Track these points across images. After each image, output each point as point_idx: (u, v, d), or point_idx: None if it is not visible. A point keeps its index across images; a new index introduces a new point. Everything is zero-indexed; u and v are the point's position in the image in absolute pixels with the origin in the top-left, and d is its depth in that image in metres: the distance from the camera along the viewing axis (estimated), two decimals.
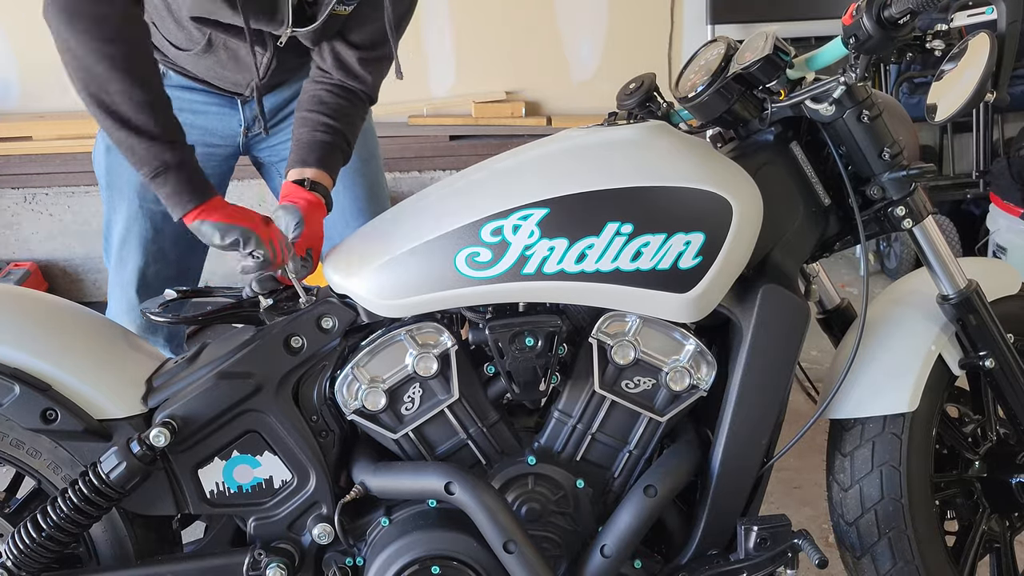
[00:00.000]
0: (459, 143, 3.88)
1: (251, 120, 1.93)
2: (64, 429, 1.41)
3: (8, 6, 3.77)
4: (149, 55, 1.47)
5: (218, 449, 1.47)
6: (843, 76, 1.38)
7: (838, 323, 1.69)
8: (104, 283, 3.87)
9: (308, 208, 1.59)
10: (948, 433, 1.62)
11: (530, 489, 1.47)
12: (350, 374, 1.45)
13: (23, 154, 3.72)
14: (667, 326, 1.45)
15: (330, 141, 1.69)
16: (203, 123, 1.92)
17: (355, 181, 2.00)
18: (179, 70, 1.88)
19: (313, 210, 1.60)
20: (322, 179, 1.65)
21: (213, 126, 1.93)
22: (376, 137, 2.11)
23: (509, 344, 1.41)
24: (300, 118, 1.72)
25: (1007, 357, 1.52)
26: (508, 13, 3.98)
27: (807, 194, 1.49)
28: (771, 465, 1.49)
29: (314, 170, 1.65)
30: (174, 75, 1.90)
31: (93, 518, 1.42)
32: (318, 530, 1.47)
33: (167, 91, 1.49)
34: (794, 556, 1.40)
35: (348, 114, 1.73)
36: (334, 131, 1.69)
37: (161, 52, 1.84)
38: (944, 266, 1.50)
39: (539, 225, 1.36)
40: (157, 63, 1.51)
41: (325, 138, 1.68)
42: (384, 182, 2.14)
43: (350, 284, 1.45)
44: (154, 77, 1.47)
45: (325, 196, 1.65)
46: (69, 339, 1.50)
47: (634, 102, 1.56)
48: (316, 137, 1.68)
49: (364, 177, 2.03)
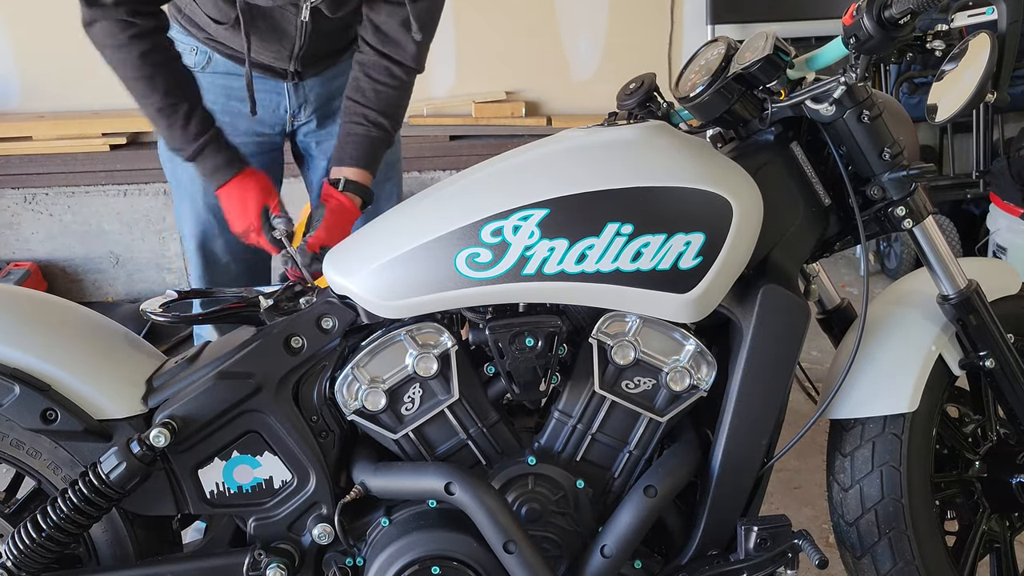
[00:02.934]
0: (459, 143, 3.88)
1: (297, 107, 1.94)
2: (64, 429, 1.41)
3: (9, 6, 3.77)
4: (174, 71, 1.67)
5: (218, 449, 1.47)
6: (843, 76, 1.38)
7: (838, 323, 1.69)
8: (104, 283, 3.89)
9: (338, 208, 1.68)
10: (948, 433, 1.62)
11: (530, 489, 1.47)
12: (350, 374, 1.45)
13: (23, 154, 3.71)
14: (667, 326, 1.45)
15: (366, 133, 1.75)
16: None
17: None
18: (225, 51, 1.88)
19: (340, 211, 1.68)
20: (359, 176, 1.72)
21: (261, 112, 1.91)
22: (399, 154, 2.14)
23: (509, 344, 1.41)
24: (344, 106, 1.78)
25: (1007, 357, 1.52)
26: (508, 13, 3.98)
27: (807, 194, 1.49)
28: (771, 465, 1.49)
29: (350, 168, 1.73)
30: (220, 59, 1.90)
31: (93, 518, 1.42)
32: (318, 530, 1.47)
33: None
34: (794, 556, 1.40)
35: (388, 95, 1.76)
36: (370, 122, 1.75)
37: (205, 31, 1.84)
38: (944, 266, 1.50)
39: (539, 226, 1.36)
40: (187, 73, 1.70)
41: (361, 130, 1.74)
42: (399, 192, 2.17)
43: (350, 284, 1.45)
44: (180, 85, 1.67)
45: (363, 193, 1.73)
46: (69, 339, 1.50)
47: (634, 102, 1.56)
48: (353, 130, 1.74)
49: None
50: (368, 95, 1.74)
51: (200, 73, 1.89)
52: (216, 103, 1.87)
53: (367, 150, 1.74)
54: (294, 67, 1.86)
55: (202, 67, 1.89)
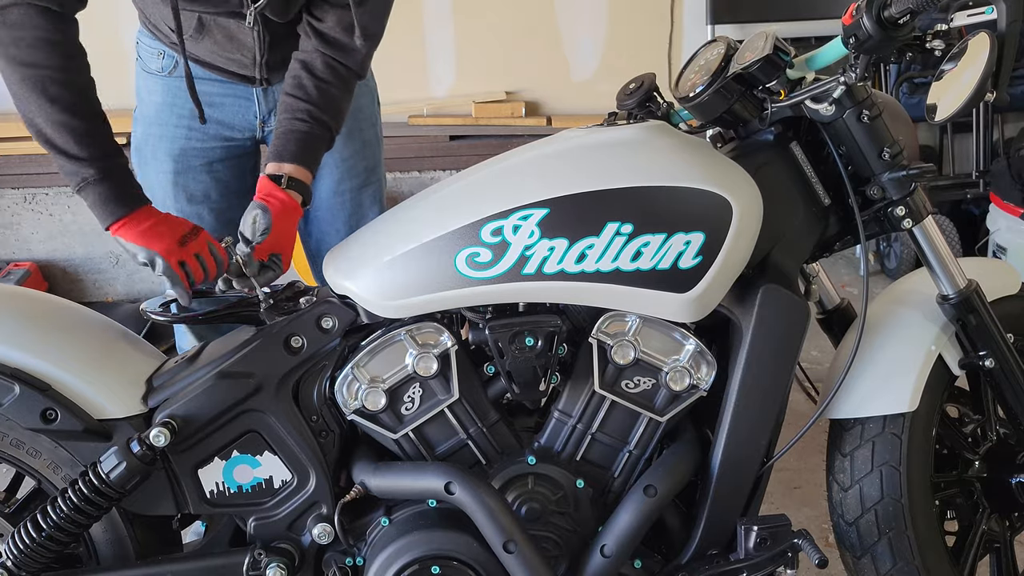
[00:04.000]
0: (459, 143, 3.88)
1: (267, 113, 1.92)
2: (64, 429, 1.41)
3: None
4: (74, 77, 1.46)
5: (218, 449, 1.47)
6: (843, 76, 1.38)
7: (838, 323, 1.69)
8: (104, 283, 3.88)
9: (280, 210, 1.56)
10: (948, 433, 1.62)
11: (530, 489, 1.47)
12: (350, 374, 1.45)
13: (23, 154, 3.71)
14: (667, 326, 1.45)
15: (308, 131, 1.64)
16: (219, 116, 1.88)
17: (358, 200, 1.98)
18: (192, 58, 1.85)
19: (286, 213, 1.57)
20: (300, 174, 1.61)
21: (230, 118, 1.89)
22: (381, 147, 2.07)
23: (509, 344, 1.41)
24: (282, 102, 1.68)
25: (1007, 357, 1.52)
26: (508, 13, 3.98)
27: (807, 194, 1.49)
28: (771, 465, 1.49)
29: (291, 165, 1.61)
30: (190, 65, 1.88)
31: (93, 518, 1.42)
32: (318, 530, 1.47)
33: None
34: (794, 556, 1.40)
35: (329, 95, 1.67)
36: (313, 119, 1.64)
37: (167, 38, 1.84)
38: (944, 266, 1.50)
39: (539, 225, 1.36)
40: (87, 83, 1.49)
41: (303, 127, 1.64)
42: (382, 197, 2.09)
43: (350, 284, 1.45)
44: (78, 98, 1.46)
45: (303, 192, 1.62)
46: (69, 339, 1.50)
47: (634, 102, 1.56)
48: (294, 127, 1.64)
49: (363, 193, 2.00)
50: (311, 92, 1.66)
51: (167, 77, 1.87)
52: (183, 107, 1.85)
53: (309, 147, 1.64)
54: (260, 74, 1.84)
55: (168, 71, 1.87)
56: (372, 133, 2.03)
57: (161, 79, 1.88)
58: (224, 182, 1.92)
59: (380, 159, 2.07)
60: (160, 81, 1.88)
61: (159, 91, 1.89)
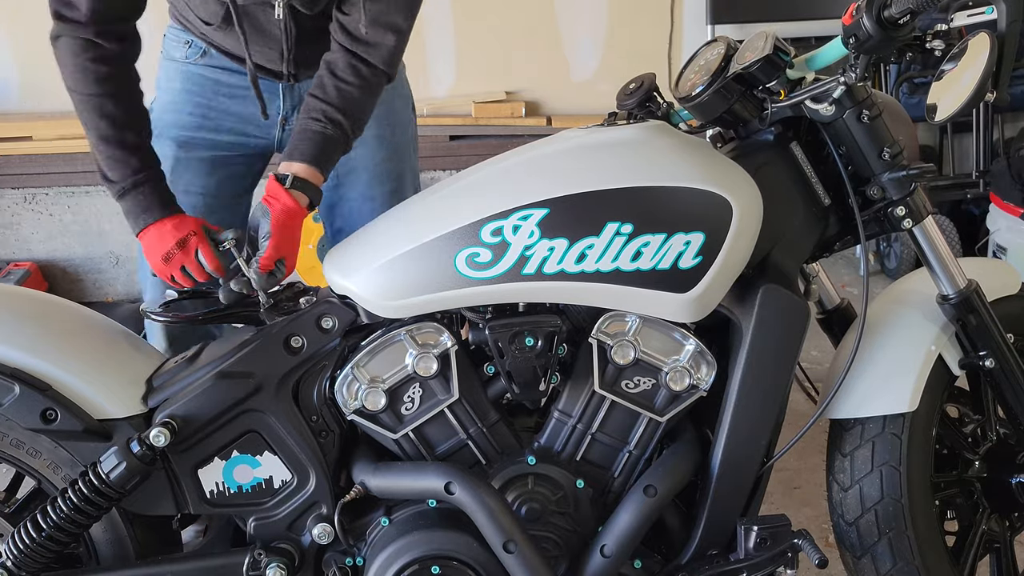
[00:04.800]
0: (459, 143, 3.87)
1: (290, 110, 1.90)
2: (64, 429, 1.41)
3: (8, 6, 3.77)
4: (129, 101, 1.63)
5: (218, 449, 1.47)
6: (843, 76, 1.38)
7: (838, 323, 1.69)
8: (104, 283, 3.88)
9: (283, 215, 1.53)
10: (948, 433, 1.62)
11: (530, 489, 1.47)
12: (350, 374, 1.45)
13: (23, 154, 3.71)
14: (667, 326, 1.45)
15: (322, 131, 1.61)
16: (240, 109, 1.86)
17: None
18: (218, 47, 1.85)
19: (288, 217, 1.53)
20: (308, 174, 1.58)
21: (251, 112, 1.85)
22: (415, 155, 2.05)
23: (509, 344, 1.41)
24: (304, 103, 1.66)
25: (1007, 357, 1.52)
26: (508, 13, 3.98)
27: (807, 194, 1.49)
28: (771, 465, 1.49)
29: (301, 164, 1.58)
30: (216, 54, 1.86)
31: (93, 518, 1.42)
32: (318, 530, 1.47)
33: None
34: (794, 556, 1.40)
35: (350, 94, 1.64)
36: (328, 119, 1.61)
37: (196, 29, 1.83)
38: (944, 266, 1.50)
39: (539, 225, 1.36)
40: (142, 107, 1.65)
41: (317, 127, 1.61)
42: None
43: (350, 284, 1.45)
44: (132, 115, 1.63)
45: (310, 192, 1.58)
46: (69, 339, 1.50)
47: (634, 102, 1.56)
48: (309, 126, 1.61)
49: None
50: (329, 92, 1.63)
51: (192, 65, 1.86)
52: (203, 96, 1.85)
53: (320, 147, 1.60)
54: (288, 69, 1.83)
55: (195, 59, 1.85)
56: (404, 139, 1.99)
57: (183, 66, 1.87)
58: (221, 178, 1.91)
59: (412, 165, 2.04)
60: (181, 68, 1.88)
61: (179, 78, 1.88)
